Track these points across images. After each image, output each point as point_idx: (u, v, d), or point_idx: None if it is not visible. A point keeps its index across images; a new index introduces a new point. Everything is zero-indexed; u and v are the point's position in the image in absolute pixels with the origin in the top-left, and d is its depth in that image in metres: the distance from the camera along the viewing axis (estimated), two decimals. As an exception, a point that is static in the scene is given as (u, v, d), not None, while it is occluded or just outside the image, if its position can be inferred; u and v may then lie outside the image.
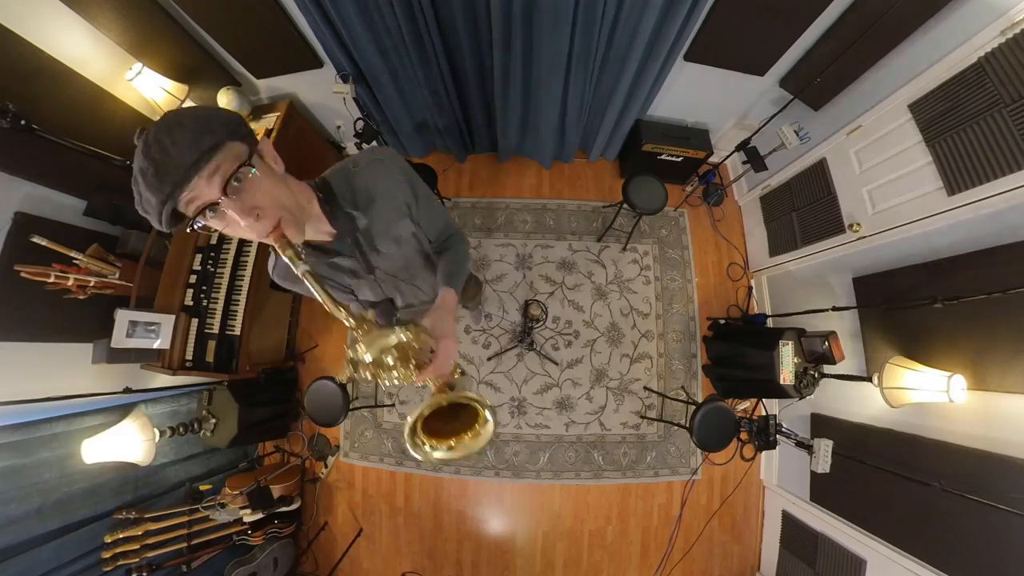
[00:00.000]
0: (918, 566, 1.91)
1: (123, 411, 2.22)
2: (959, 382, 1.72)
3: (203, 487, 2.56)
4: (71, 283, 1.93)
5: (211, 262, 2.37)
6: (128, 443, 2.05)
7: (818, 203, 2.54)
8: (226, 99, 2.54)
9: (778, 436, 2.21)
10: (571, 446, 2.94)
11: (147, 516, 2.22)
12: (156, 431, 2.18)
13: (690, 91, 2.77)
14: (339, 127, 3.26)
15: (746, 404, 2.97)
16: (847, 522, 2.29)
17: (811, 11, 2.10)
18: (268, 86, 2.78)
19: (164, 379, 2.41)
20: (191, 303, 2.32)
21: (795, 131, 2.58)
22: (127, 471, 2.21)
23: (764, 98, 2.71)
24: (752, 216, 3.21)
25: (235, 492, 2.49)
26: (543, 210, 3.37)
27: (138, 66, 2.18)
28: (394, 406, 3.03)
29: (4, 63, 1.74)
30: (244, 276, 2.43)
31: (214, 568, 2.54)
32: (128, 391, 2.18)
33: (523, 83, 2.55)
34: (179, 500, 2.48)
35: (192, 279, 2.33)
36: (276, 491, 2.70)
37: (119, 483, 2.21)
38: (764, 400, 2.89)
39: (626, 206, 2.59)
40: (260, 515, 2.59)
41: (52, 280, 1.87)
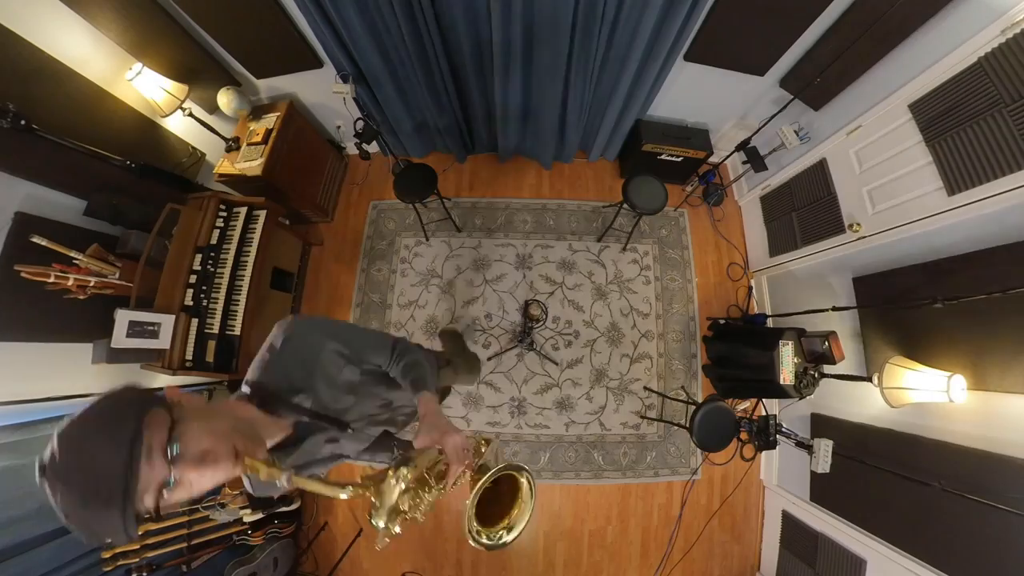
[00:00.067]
0: (918, 566, 1.91)
1: (123, 411, 2.22)
2: (959, 382, 1.72)
3: (203, 487, 2.56)
4: (71, 283, 1.93)
5: (211, 262, 2.37)
6: (128, 443, 2.05)
7: (818, 203, 2.54)
8: (226, 99, 2.54)
9: (778, 436, 2.21)
10: (571, 446, 2.94)
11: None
12: (156, 431, 2.18)
13: (690, 91, 2.78)
14: (339, 127, 3.26)
15: (746, 404, 2.97)
16: (847, 522, 2.29)
17: (811, 11, 2.11)
18: (268, 86, 2.78)
19: (164, 379, 2.40)
20: (191, 303, 2.31)
21: (795, 131, 2.59)
22: (127, 471, 2.21)
23: (764, 98, 2.71)
24: (752, 216, 3.21)
25: (235, 492, 2.49)
26: (543, 210, 3.37)
27: (138, 66, 2.18)
28: (394, 406, 3.03)
29: (4, 63, 1.74)
30: (244, 276, 2.43)
31: (214, 568, 2.54)
32: (128, 391, 2.18)
33: (523, 83, 2.56)
34: (179, 500, 2.48)
35: (192, 279, 2.33)
36: (276, 491, 2.70)
37: (119, 483, 2.21)
38: (764, 400, 2.89)
39: (626, 206, 2.59)
40: (260, 515, 2.59)
41: (52, 280, 1.87)
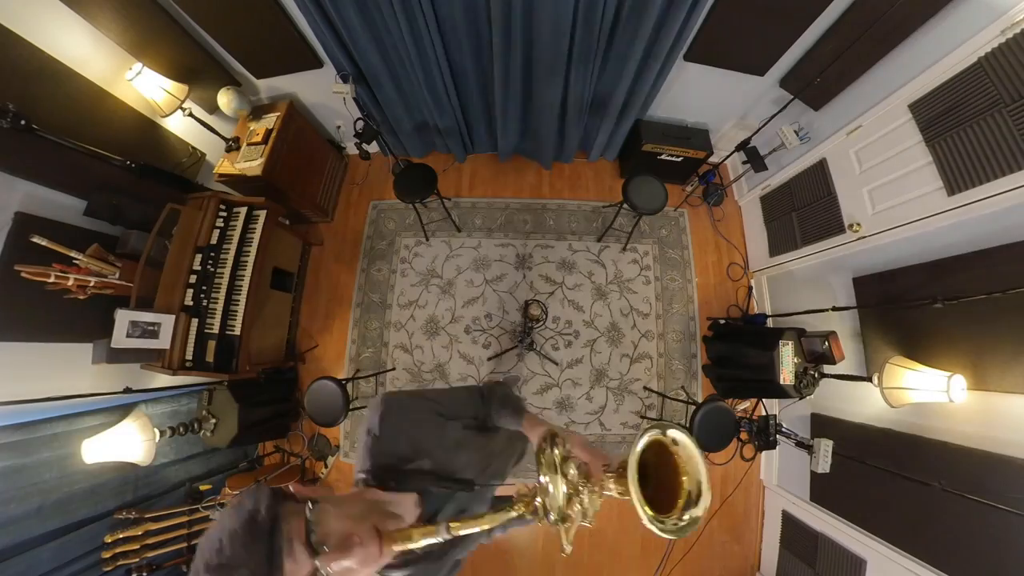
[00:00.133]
0: (918, 566, 1.91)
1: (123, 411, 2.22)
2: (959, 382, 1.72)
3: (203, 487, 2.56)
4: (71, 283, 1.93)
5: (211, 262, 2.37)
6: (128, 443, 2.05)
7: (818, 203, 2.54)
8: (226, 99, 2.54)
9: (778, 436, 2.21)
10: (571, 446, 2.94)
11: (147, 516, 2.22)
12: (156, 431, 2.18)
13: (690, 91, 2.78)
14: (339, 127, 3.26)
15: (746, 404, 2.96)
16: (847, 522, 2.29)
17: (811, 11, 2.11)
18: (268, 86, 2.78)
19: (164, 379, 2.41)
20: (191, 303, 2.31)
21: (795, 131, 2.59)
22: (127, 471, 2.21)
23: (764, 98, 2.71)
24: (752, 216, 3.21)
25: (235, 492, 2.49)
26: (543, 210, 3.37)
27: (138, 66, 2.18)
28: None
29: (4, 63, 1.73)
30: (244, 276, 2.43)
31: (214, 568, 2.54)
32: (128, 391, 2.18)
33: (523, 83, 2.55)
34: (179, 500, 2.47)
35: (192, 279, 2.33)
36: (276, 491, 2.70)
37: (119, 483, 2.21)
38: (764, 400, 2.88)
39: (626, 206, 2.59)
40: (260, 515, 2.59)
41: (52, 280, 1.86)
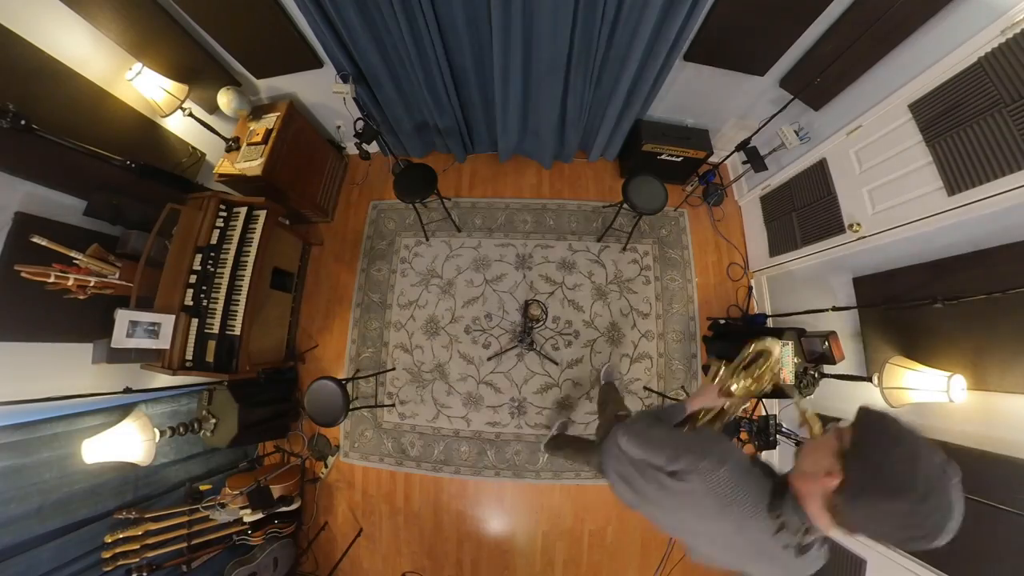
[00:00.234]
0: (918, 566, 1.90)
1: (123, 411, 2.22)
2: (959, 382, 1.72)
3: (203, 487, 2.56)
4: (71, 283, 1.93)
5: (211, 262, 2.37)
6: (128, 443, 2.05)
7: (818, 203, 2.54)
8: (226, 99, 2.54)
9: (778, 436, 2.21)
10: (571, 446, 2.94)
11: (147, 516, 2.22)
12: (156, 431, 2.18)
13: (690, 91, 2.77)
14: (339, 127, 3.27)
15: (746, 404, 2.96)
16: (847, 522, 2.28)
17: (811, 11, 2.11)
18: (268, 86, 2.78)
19: (164, 379, 2.41)
20: (191, 303, 2.31)
21: (795, 131, 2.59)
22: (127, 471, 2.21)
23: (764, 98, 2.71)
24: (752, 216, 3.21)
25: (235, 492, 2.49)
26: (543, 210, 3.37)
27: (138, 66, 2.18)
28: (394, 406, 3.03)
29: (4, 63, 1.74)
30: (244, 276, 2.43)
31: (214, 568, 2.54)
32: (128, 391, 2.18)
33: (523, 83, 2.55)
34: (179, 500, 2.48)
35: (192, 279, 2.33)
36: (276, 491, 2.70)
37: (119, 483, 2.21)
38: (764, 400, 2.88)
39: (626, 206, 2.58)
40: (260, 515, 2.59)
41: (52, 280, 1.87)
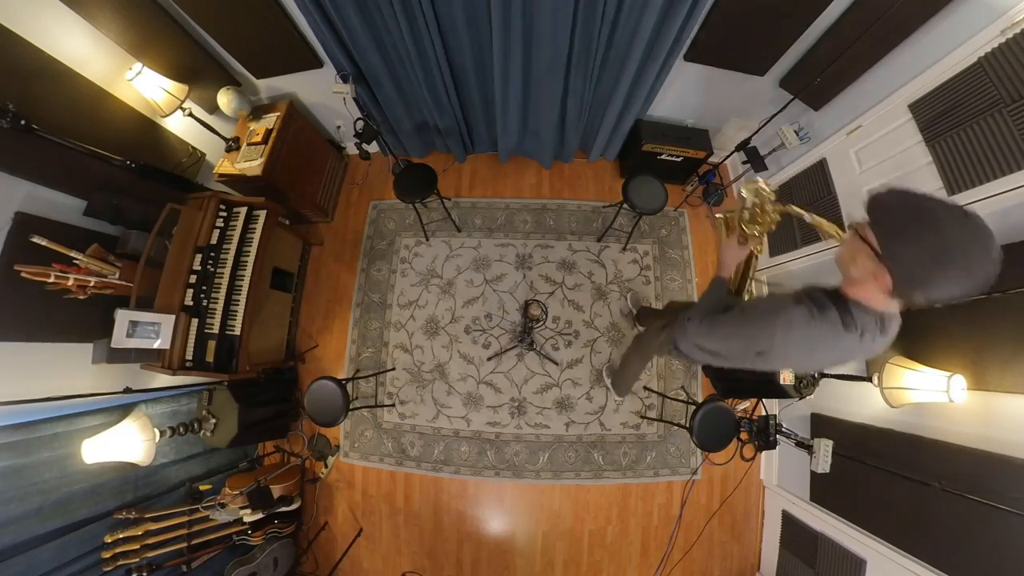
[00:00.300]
0: (918, 566, 1.91)
1: (123, 411, 2.22)
2: (959, 382, 1.72)
3: (203, 487, 2.56)
4: (71, 283, 1.93)
5: (211, 262, 2.37)
6: (128, 443, 2.05)
7: (818, 203, 2.54)
8: (226, 99, 2.54)
9: (778, 436, 2.20)
10: (571, 446, 2.94)
11: (147, 516, 2.22)
12: (156, 431, 2.18)
13: (690, 91, 2.78)
14: (339, 127, 3.27)
15: (746, 404, 2.96)
16: (847, 522, 2.29)
17: (811, 11, 2.11)
18: (268, 86, 2.78)
19: (164, 379, 2.41)
20: (191, 303, 2.31)
21: (795, 131, 2.59)
22: (127, 471, 2.21)
23: (764, 98, 2.71)
24: (752, 216, 3.20)
25: (235, 492, 2.49)
26: (543, 210, 3.37)
27: (138, 66, 2.18)
28: (394, 406, 3.03)
29: (4, 63, 1.74)
30: (244, 276, 2.43)
31: (214, 568, 2.54)
32: (128, 391, 2.18)
33: (523, 83, 2.55)
34: (179, 500, 2.48)
35: (192, 279, 2.33)
36: (276, 491, 2.70)
37: (119, 483, 2.21)
38: (764, 400, 2.88)
39: (626, 206, 2.58)
40: (260, 515, 2.59)
41: (52, 280, 1.87)
